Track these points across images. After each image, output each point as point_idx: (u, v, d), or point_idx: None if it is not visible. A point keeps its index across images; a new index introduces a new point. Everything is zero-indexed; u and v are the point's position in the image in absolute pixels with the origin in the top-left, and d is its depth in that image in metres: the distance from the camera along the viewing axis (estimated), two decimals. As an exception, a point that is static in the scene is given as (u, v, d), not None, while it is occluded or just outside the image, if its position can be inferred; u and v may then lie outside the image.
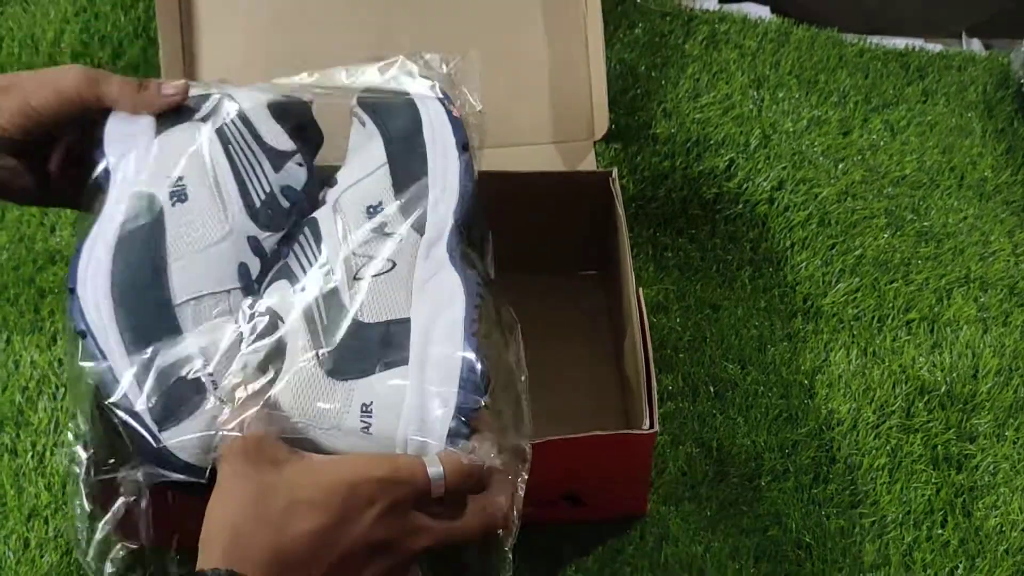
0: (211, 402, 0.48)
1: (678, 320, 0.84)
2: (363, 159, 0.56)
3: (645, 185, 0.92)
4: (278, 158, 0.55)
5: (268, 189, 0.54)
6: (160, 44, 0.83)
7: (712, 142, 0.95)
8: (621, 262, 0.73)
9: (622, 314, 0.76)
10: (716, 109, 0.98)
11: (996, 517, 0.73)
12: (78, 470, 0.51)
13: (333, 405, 0.48)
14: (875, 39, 1.07)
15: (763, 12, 1.08)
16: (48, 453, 0.76)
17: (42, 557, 0.70)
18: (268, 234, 0.53)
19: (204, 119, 0.55)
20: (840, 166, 0.94)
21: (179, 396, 0.48)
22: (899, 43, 1.07)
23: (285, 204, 0.54)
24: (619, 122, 0.96)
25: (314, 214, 0.54)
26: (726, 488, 0.74)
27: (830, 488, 0.74)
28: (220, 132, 0.54)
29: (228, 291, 0.51)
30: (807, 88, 1.01)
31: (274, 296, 0.51)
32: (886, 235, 0.89)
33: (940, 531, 0.72)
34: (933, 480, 0.75)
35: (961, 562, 0.71)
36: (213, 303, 0.50)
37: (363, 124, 0.57)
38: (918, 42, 1.08)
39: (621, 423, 0.76)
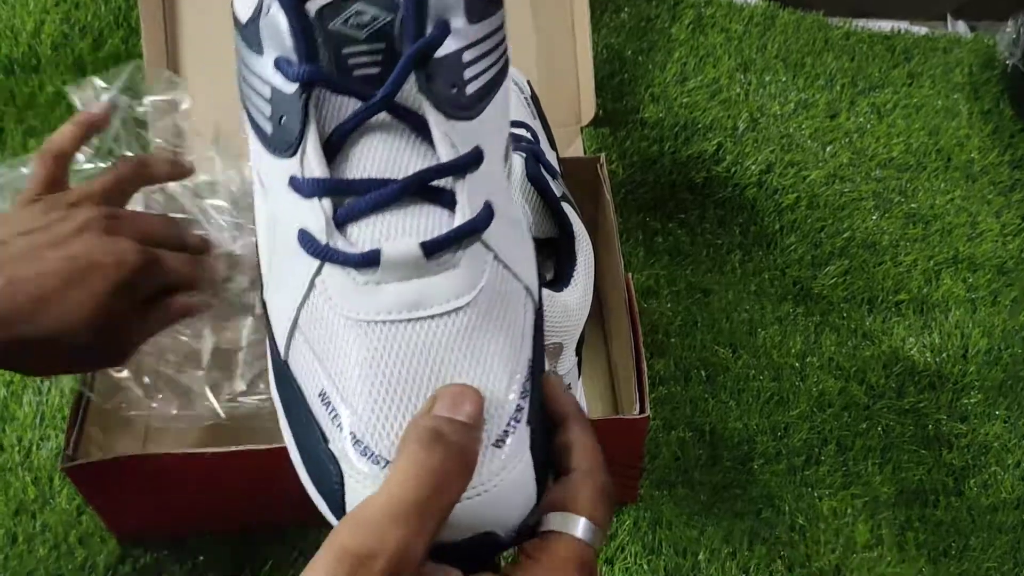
0: None
1: (668, 305, 0.83)
2: None
3: (634, 170, 0.92)
4: None
5: None
6: (142, 33, 0.83)
7: (700, 126, 0.95)
8: (610, 248, 0.73)
9: (611, 299, 0.76)
10: (703, 93, 0.98)
11: (988, 496, 0.73)
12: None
13: None
14: (860, 22, 1.07)
15: (749, -4, 1.08)
16: (34, 448, 0.75)
17: (30, 552, 0.70)
18: None
19: None
20: (828, 149, 0.94)
21: None
22: (884, 26, 1.07)
23: None
24: (606, 107, 0.95)
25: None
26: (719, 472, 0.74)
27: (822, 470, 0.74)
28: None
29: None
30: (794, 71, 1.00)
31: None
32: (874, 217, 0.89)
33: (933, 511, 0.72)
34: (925, 460, 0.75)
35: (954, 541, 0.71)
36: None
37: None
38: (903, 25, 1.08)
39: (610, 409, 0.75)
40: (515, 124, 0.59)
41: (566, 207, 0.52)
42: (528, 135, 0.59)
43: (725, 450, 0.75)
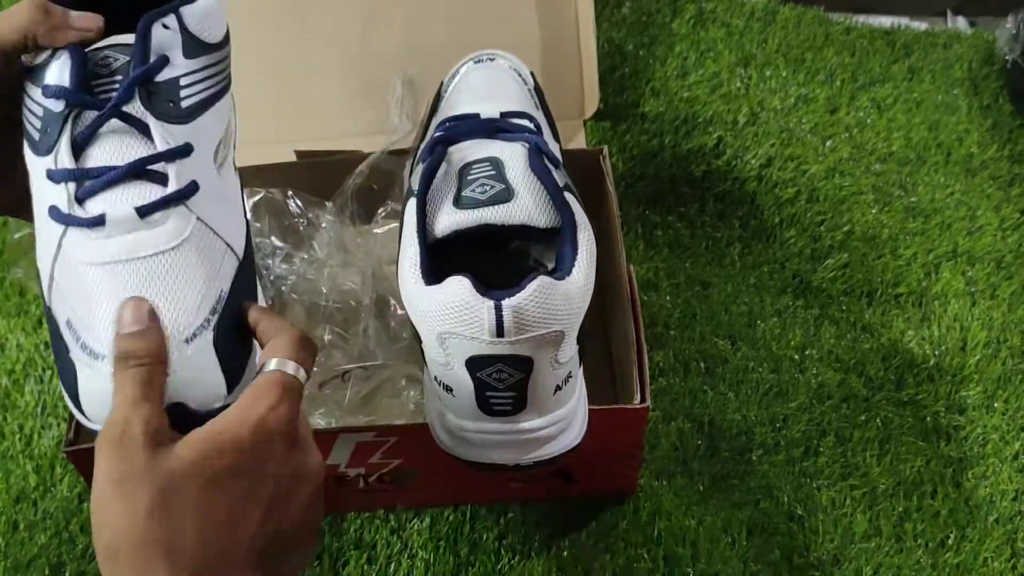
0: None
1: (668, 297, 0.84)
2: None
3: (634, 163, 0.92)
4: None
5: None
6: None
7: (700, 120, 0.95)
8: (611, 240, 0.73)
9: (612, 291, 0.76)
10: (704, 87, 0.98)
11: (985, 487, 0.73)
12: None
13: None
14: (861, 18, 1.07)
15: (749, -9, 1.08)
16: (36, 436, 0.75)
17: (31, 539, 0.70)
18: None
19: None
20: (828, 143, 0.95)
21: None
22: (885, 21, 1.07)
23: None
24: (607, 101, 0.96)
25: None
26: (718, 462, 0.74)
27: (820, 461, 0.74)
28: None
29: None
30: (794, 66, 1.01)
31: None
32: (874, 211, 0.90)
33: (930, 502, 0.73)
34: (923, 452, 0.75)
35: (952, 532, 0.71)
36: None
37: None
38: (903, 20, 1.08)
39: (610, 400, 0.76)
40: (518, 115, 0.60)
41: (568, 196, 0.52)
42: (531, 125, 0.59)
43: (724, 441, 0.75)
